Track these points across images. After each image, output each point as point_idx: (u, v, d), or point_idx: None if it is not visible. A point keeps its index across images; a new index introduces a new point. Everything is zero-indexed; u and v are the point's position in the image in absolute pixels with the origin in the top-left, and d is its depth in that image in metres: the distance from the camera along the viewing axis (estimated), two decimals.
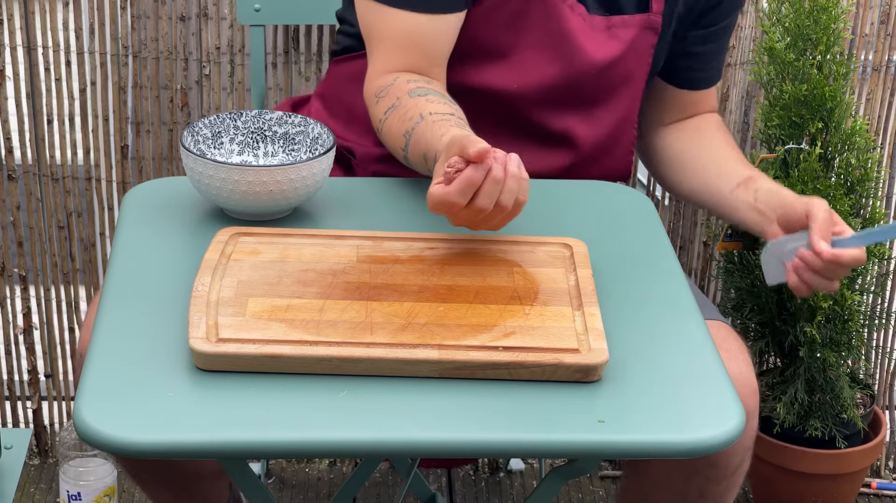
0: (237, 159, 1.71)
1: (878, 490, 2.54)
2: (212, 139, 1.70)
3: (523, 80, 1.79)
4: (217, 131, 1.71)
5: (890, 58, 2.37)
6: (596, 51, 1.79)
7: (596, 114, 1.85)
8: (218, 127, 1.71)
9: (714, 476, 1.65)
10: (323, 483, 2.53)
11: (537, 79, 1.79)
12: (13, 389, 2.52)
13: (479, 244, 1.57)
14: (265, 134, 1.72)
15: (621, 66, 1.82)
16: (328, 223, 1.64)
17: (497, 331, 1.40)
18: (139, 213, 1.66)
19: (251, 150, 1.72)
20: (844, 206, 2.13)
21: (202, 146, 1.68)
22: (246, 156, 1.72)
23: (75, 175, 2.39)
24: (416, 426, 1.30)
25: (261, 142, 1.72)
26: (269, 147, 1.72)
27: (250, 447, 1.28)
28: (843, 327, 2.22)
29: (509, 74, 1.79)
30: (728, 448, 1.61)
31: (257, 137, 1.72)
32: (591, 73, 1.80)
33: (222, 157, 1.70)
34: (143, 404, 1.31)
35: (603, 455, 1.34)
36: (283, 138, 1.72)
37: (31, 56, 2.31)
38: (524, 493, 2.52)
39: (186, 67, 2.32)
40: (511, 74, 1.79)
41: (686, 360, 1.42)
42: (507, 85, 1.79)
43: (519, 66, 1.79)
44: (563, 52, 1.78)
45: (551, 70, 1.79)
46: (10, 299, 2.46)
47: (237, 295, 1.44)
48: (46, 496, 2.47)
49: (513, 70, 1.79)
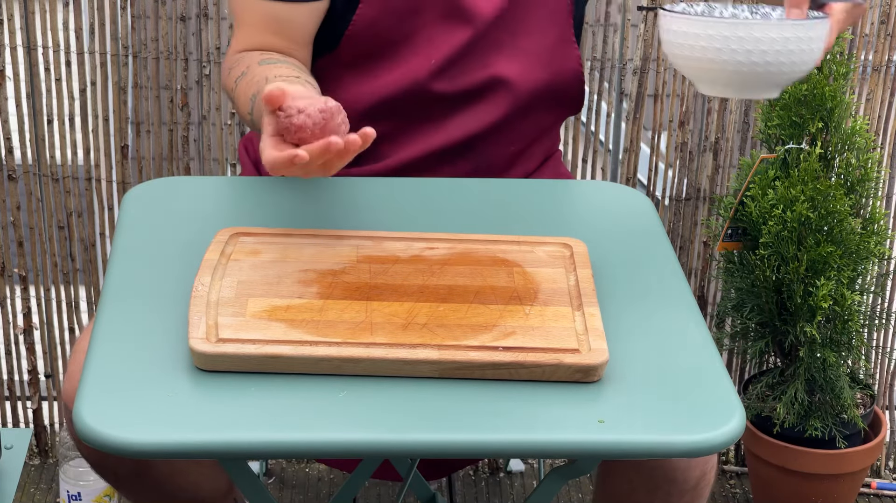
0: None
1: (878, 490, 2.54)
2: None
3: (437, 55, 1.82)
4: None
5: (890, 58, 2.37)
6: (485, 3, 1.82)
7: (518, 47, 1.86)
8: None
9: (675, 491, 1.65)
10: (323, 483, 2.53)
11: (449, 48, 1.82)
12: (13, 389, 2.52)
13: (479, 244, 1.57)
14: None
15: (520, 2, 1.83)
16: (328, 223, 1.64)
17: (497, 331, 1.40)
18: (139, 213, 1.66)
19: None
20: (844, 206, 2.13)
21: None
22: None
23: (75, 175, 2.39)
24: (416, 426, 1.30)
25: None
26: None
27: (250, 447, 1.28)
28: (843, 327, 2.22)
29: (423, 54, 1.82)
30: (686, 463, 1.61)
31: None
32: (493, 23, 1.82)
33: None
34: (143, 404, 1.31)
35: (603, 455, 1.34)
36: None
37: (31, 56, 2.31)
38: (524, 493, 2.52)
39: (186, 67, 2.32)
40: (425, 53, 1.82)
41: (686, 360, 1.42)
42: (424, 64, 1.82)
43: (427, 43, 1.82)
44: (462, 17, 1.81)
45: (459, 36, 1.82)
46: (10, 299, 2.46)
47: (237, 295, 1.44)
48: (46, 496, 2.47)
49: (424, 49, 1.82)
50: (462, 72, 1.84)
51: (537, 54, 1.86)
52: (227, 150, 2.39)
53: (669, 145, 2.43)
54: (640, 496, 1.68)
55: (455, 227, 1.64)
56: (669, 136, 2.42)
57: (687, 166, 2.44)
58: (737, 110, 2.40)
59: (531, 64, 1.86)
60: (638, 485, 1.67)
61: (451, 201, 1.72)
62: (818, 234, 2.14)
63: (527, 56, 1.86)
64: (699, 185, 2.45)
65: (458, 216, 1.68)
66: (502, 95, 1.85)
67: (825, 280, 2.14)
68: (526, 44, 1.86)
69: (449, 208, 1.70)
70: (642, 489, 1.67)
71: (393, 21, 1.81)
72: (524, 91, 1.86)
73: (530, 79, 1.86)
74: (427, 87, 1.83)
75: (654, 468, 1.63)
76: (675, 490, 1.65)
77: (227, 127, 2.38)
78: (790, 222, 2.13)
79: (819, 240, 2.14)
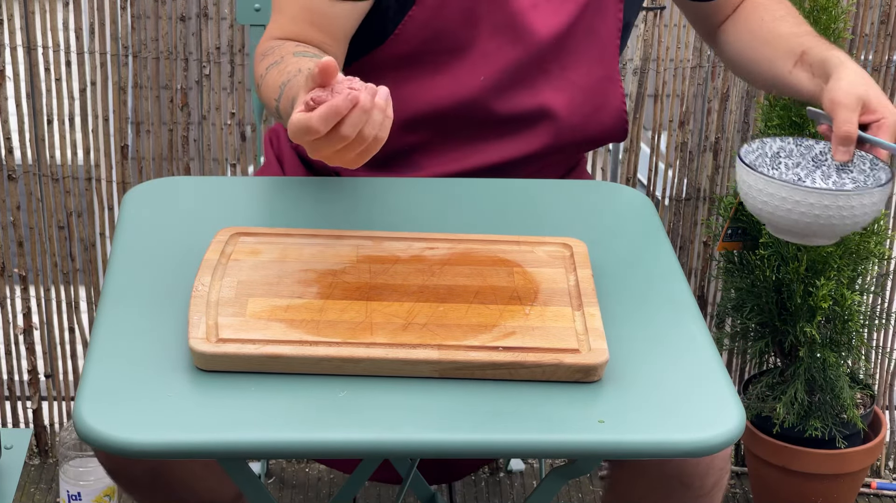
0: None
1: (878, 490, 2.54)
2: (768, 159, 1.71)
3: (487, 70, 1.80)
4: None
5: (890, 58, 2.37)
6: (543, 24, 1.79)
7: (567, 80, 1.84)
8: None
9: (689, 496, 1.65)
10: (323, 483, 2.53)
11: (500, 65, 1.80)
12: (13, 389, 2.52)
13: (479, 244, 1.57)
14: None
15: (578, 28, 1.81)
16: (328, 223, 1.64)
17: (497, 331, 1.40)
18: (139, 212, 1.66)
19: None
20: None
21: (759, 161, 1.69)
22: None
23: (75, 175, 2.39)
24: (416, 426, 1.30)
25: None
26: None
27: (250, 447, 1.28)
28: (843, 327, 2.22)
29: (473, 68, 1.80)
30: (703, 468, 1.61)
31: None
32: (547, 47, 1.80)
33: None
34: (143, 404, 1.31)
35: (603, 455, 1.34)
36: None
37: (31, 56, 2.31)
38: (524, 493, 2.52)
39: (186, 67, 2.32)
40: (475, 68, 1.80)
41: (686, 360, 1.42)
42: (474, 79, 1.80)
43: (480, 58, 1.79)
44: (517, 34, 1.79)
45: (511, 54, 1.79)
46: (10, 299, 2.46)
47: (237, 295, 1.44)
48: (46, 496, 2.47)
49: (475, 63, 1.80)
50: (510, 96, 1.82)
51: (584, 89, 1.85)
52: (227, 150, 2.39)
53: (669, 145, 2.43)
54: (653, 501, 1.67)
55: (455, 227, 1.64)
56: (669, 136, 2.42)
57: (687, 166, 2.44)
58: (737, 110, 2.40)
59: (577, 97, 1.84)
60: (651, 491, 1.66)
61: (451, 201, 1.72)
62: None
63: (574, 89, 1.84)
64: (699, 185, 2.45)
65: (458, 216, 1.68)
66: (545, 127, 1.83)
67: (825, 280, 2.14)
68: (575, 77, 1.84)
69: (449, 208, 1.70)
70: (655, 495, 1.66)
71: (445, 27, 1.78)
72: (567, 125, 1.84)
73: (576, 113, 1.84)
74: (474, 105, 1.81)
75: (670, 475, 1.62)
76: (689, 496, 1.64)
77: (227, 127, 2.38)
78: None
79: None
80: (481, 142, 1.84)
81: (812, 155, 1.70)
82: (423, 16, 1.77)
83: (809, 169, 1.70)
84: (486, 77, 1.80)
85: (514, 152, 1.85)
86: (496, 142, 1.84)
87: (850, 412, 2.27)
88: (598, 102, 1.86)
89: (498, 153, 1.85)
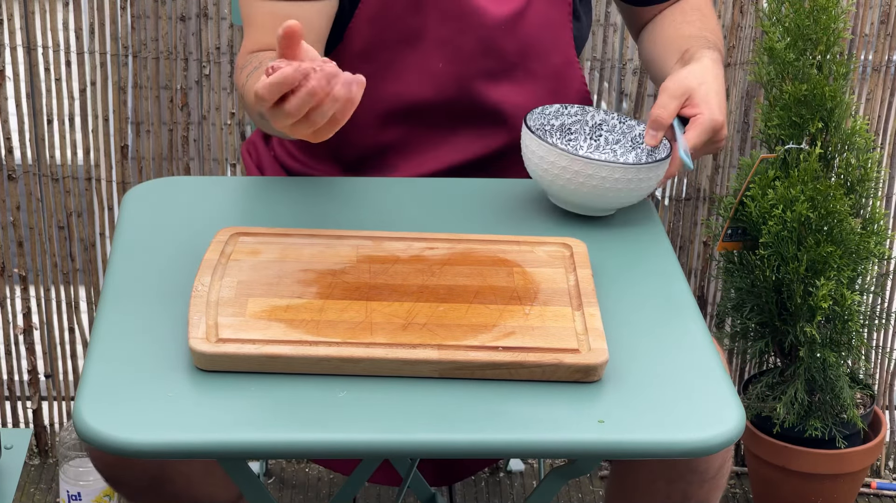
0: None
1: (878, 490, 2.54)
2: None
3: (444, 58, 1.80)
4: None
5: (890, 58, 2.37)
6: (492, 8, 1.79)
7: (527, 68, 1.84)
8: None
9: (696, 480, 1.65)
10: (323, 483, 2.53)
11: (457, 53, 1.80)
12: (13, 389, 2.52)
13: (478, 244, 1.57)
14: (545, 128, 1.73)
15: (529, 12, 1.81)
16: (328, 223, 1.64)
17: (497, 331, 1.40)
18: (139, 212, 1.66)
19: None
20: (844, 206, 2.13)
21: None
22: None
23: (75, 175, 2.39)
24: (416, 426, 1.30)
25: (544, 136, 1.72)
26: (551, 140, 1.72)
27: (250, 447, 1.28)
28: (843, 327, 2.22)
29: (429, 56, 1.80)
30: None
31: (543, 133, 1.72)
32: (499, 32, 1.80)
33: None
34: (143, 404, 1.31)
35: (603, 455, 1.34)
36: (560, 130, 1.73)
37: (31, 56, 2.31)
38: (524, 493, 2.52)
39: (186, 67, 2.32)
40: (431, 56, 1.80)
41: (686, 360, 1.42)
42: (433, 67, 1.80)
43: (435, 46, 1.80)
44: (466, 20, 1.79)
45: (465, 41, 1.80)
46: (10, 299, 2.46)
47: (237, 295, 1.44)
48: (46, 496, 2.47)
49: (431, 51, 1.80)
50: (474, 86, 1.82)
51: (545, 79, 1.85)
52: (227, 150, 2.39)
53: None
54: (659, 486, 1.67)
55: (455, 227, 1.64)
56: None
57: None
58: (737, 110, 2.40)
59: (539, 90, 1.85)
60: (658, 475, 1.66)
61: (451, 201, 1.72)
62: (818, 233, 2.14)
63: (535, 81, 1.85)
64: (699, 185, 2.45)
65: (458, 216, 1.68)
66: (514, 118, 1.84)
67: (825, 280, 2.14)
68: (536, 67, 1.84)
69: (449, 208, 1.70)
70: (662, 480, 1.66)
71: (394, 17, 1.79)
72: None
73: (541, 99, 1.84)
74: (441, 97, 1.82)
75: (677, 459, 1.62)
76: (696, 479, 1.65)
77: (227, 127, 2.38)
78: (790, 222, 2.13)
79: (819, 240, 2.14)
80: (456, 136, 1.85)
81: (633, 135, 1.72)
82: (371, 8, 1.78)
83: (626, 148, 1.72)
84: (444, 64, 1.80)
85: (482, 149, 1.86)
86: (470, 135, 1.85)
87: (850, 412, 2.27)
88: (559, 87, 1.87)
89: (473, 148, 1.85)
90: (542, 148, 1.63)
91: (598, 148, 1.74)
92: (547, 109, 1.73)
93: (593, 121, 1.74)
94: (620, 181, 1.61)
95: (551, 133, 1.73)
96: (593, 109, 1.74)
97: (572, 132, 1.74)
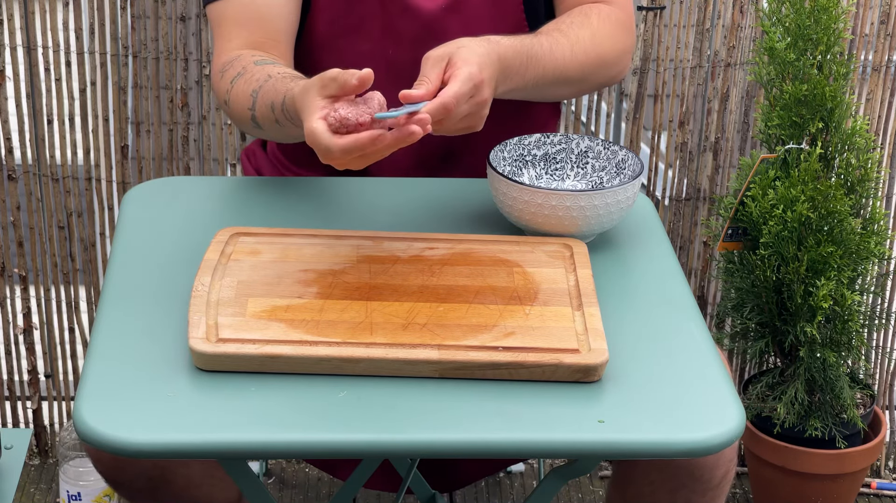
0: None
1: (878, 490, 2.54)
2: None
3: (392, 47, 1.80)
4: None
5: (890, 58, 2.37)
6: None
7: None
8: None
9: (699, 489, 1.65)
10: (323, 483, 2.53)
11: (402, 39, 1.80)
12: (13, 389, 2.52)
13: (478, 244, 1.57)
14: (525, 159, 1.72)
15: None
16: (328, 223, 1.64)
17: (497, 331, 1.40)
18: (139, 213, 1.66)
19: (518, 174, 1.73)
20: (845, 206, 2.13)
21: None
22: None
23: (75, 175, 2.39)
24: (416, 426, 1.30)
25: (523, 167, 1.72)
26: (533, 171, 1.73)
27: (250, 447, 1.28)
28: (843, 327, 2.22)
29: (380, 45, 1.80)
30: (712, 461, 1.61)
31: (521, 164, 1.72)
32: (440, 16, 1.79)
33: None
34: (143, 404, 1.31)
35: (603, 455, 1.34)
36: (544, 160, 1.73)
37: (31, 56, 2.31)
38: (524, 493, 2.52)
39: (186, 67, 2.32)
40: (381, 45, 1.80)
41: (686, 360, 1.42)
42: (385, 54, 1.80)
43: (383, 35, 1.80)
44: (403, 4, 1.79)
45: (407, 26, 1.80)
46: (10, 299, 2.46)
47: (237, 295, 1.44)
48: (46, 496, 2.47)
49: (380, 40, 1.80)
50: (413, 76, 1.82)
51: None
52: (227, 150, 2.39)
53: (669, 145, 2.43)
54: (661, 496, 1.67)
55: (455, 227, 1.64)
56: (669, 136, 2.42)
57: (687, 166, 2.44)
58: (737, 110, 2.40)
59: None
60: (660, 484, 1.66)
61: (450, 201, 1.72)
62: (818, 234, 2.14)
63: None
64: (699, 185, 2.45)
65: (458, 216, 1.68)
66: None
67: (825, 280, 2.14)
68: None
69: (449, 208, 1.70)
70: (664, 488, 1.66)
71: (342, 9, 1.80)
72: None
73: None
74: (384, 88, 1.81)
75: (679, 467, 1.62)
76: (698, 488, 1.64)
77: (227, 127, 2.38)
78: (790, 222, 2.13)
79: (819, 240, 2.14)
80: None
81: (617, 160, 1.71)
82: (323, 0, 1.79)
83: (612, 174, 1.71)
84: (393, 50, 1.80)
85: (442, 137, 1.84)
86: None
87: (850, 412, 2.27)
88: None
89: (434, 138, 1.82)
90: (502, 184, 1.61)
91: (584, 176, 1.72)
92: (525, 139, 1.71)
93: (578, 148, 1.72)
94: (583, 208, 1.59)
95: (534, 163, 1.72)
96: (577, 137, 1.72)
97: (557, 161, 1.73)
